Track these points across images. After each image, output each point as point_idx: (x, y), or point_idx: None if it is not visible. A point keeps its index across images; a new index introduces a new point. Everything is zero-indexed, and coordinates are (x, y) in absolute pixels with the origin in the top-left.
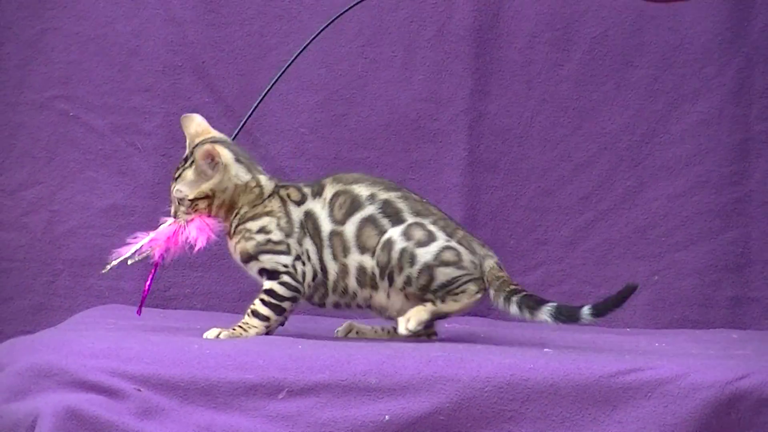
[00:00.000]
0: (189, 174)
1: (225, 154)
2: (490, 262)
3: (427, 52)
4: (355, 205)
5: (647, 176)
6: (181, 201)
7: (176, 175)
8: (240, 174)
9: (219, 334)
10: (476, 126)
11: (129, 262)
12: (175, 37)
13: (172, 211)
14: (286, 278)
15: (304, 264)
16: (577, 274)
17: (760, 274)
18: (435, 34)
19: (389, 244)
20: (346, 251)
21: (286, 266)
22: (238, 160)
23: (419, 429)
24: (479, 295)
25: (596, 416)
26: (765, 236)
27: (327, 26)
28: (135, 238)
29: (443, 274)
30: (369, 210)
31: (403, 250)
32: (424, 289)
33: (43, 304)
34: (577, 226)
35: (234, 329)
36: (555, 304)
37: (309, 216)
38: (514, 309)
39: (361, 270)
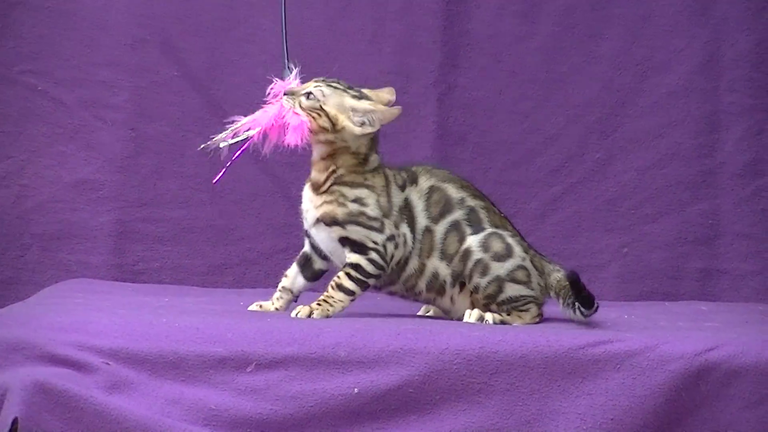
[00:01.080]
0: (347, 98)
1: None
2: (557, 275)
3: (396, 25)
4: (448, 206)
5: (616, 149)
6: (309, 97)
7: (339, 85)
8: (363, 141)
9: (311, 314)
10: (445, 99)
11: (222, 144)
12: (142, 11)
13: (292, 96)
14: (374, 255)
15: (396, 247)
16: (547, 247)
17: (730, 246)
18: (403, 6)
19: (467, 254)
20: (430, 252)
21: (375, 243)
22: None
23: (388, 401)
24: (538, 318)
25: (565, 388)
26: (734, 208)
27: None
28: (233, 121)
29: (512, 289)
30: (457, 214)
31: (478, 261)
32: (490, 299)
33: (12, 278)
34: (546, 199)
35: (320, 305)
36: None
37: (407, 204)
38: (577, 314)
39: (434, 276)
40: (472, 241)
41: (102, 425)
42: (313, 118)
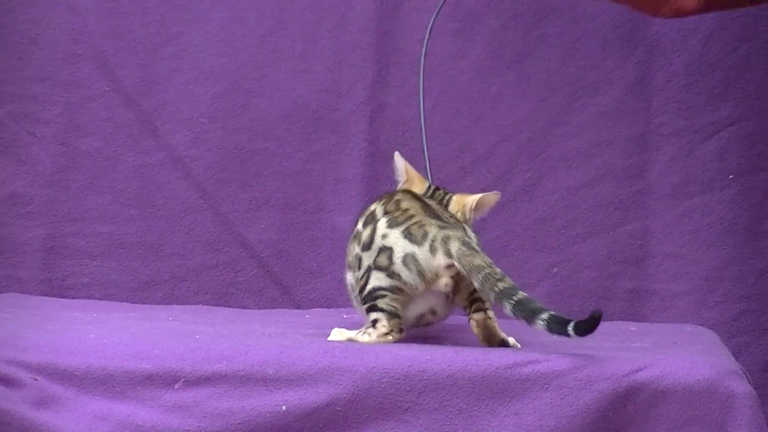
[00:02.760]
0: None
1: None
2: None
3: (328, 42)
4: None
5: (547, 168)
6: None
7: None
8: None
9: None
10: (377, 117)
11: None
12: (75, 26)
13: None
14: None
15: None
16: None
17: (659, 267)
18: (336, 24)
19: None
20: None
21: None
22: None
23: (316, 419)
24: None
25: (493, 407)
26: (664, 229)
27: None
28: None
29: (375, 278)
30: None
31: (356, 255)
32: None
33: None
34: (476, 218)
35: None
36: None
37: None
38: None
39: (350, 288)
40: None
41: None
42: None
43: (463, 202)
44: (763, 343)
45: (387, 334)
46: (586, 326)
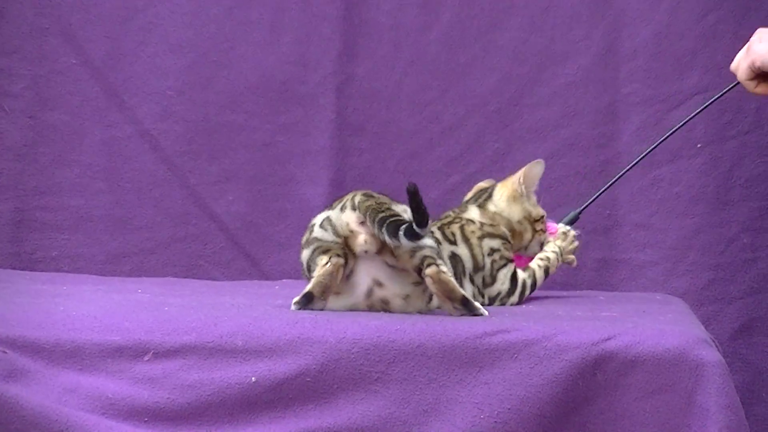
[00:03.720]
0: None
1: None
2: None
3: (295, 14)
4: None
5: (515, 139)
6: None
7: None
8: None
9: None
10: (344, 89)
11: None
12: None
13: None
14: None
15: None
16: None
17: (627, 236)
18: None
19: None
20: None
21: None
22: None
23: (286, 390)
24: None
25: (463, 377)
26: (632, 198)
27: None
28: None
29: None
30: None
31: None
32: None
33: None
34: (445, 189)
35: None
36: None
37: None
38: (402, 239)
39: None
40: None
41: None
42: None
43: (508, 185)
44: (732, 311)
45: (325, 265)
46: (419, 220)
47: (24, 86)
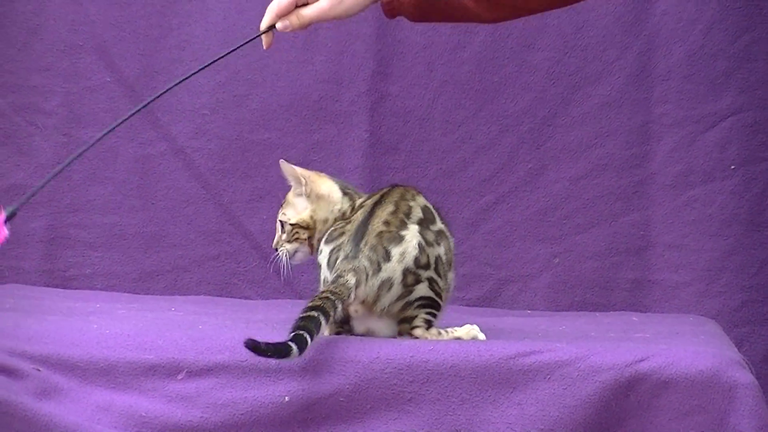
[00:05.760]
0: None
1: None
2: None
3: (329, 32)
4: None
5: (548, 159)
6: None
7: None
8: None
9: None
10: (378, 107)
11: None
12: (76, 16)
13: None
14: None
15: None
16: (478, 256)
17: (661, 257)
18: None
19: None
20: None
21: None
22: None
23: (319, 410)
24: None
25: (496, 398)
26: (665, 219)
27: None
28: None
29: None
30: None
31: None
32: None
33: None
34: (478, 208)
35: None
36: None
37: None
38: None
39: None
40: None
41: (31, 431)
42: None
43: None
44: (765, 333)
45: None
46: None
47: (57, 103)
